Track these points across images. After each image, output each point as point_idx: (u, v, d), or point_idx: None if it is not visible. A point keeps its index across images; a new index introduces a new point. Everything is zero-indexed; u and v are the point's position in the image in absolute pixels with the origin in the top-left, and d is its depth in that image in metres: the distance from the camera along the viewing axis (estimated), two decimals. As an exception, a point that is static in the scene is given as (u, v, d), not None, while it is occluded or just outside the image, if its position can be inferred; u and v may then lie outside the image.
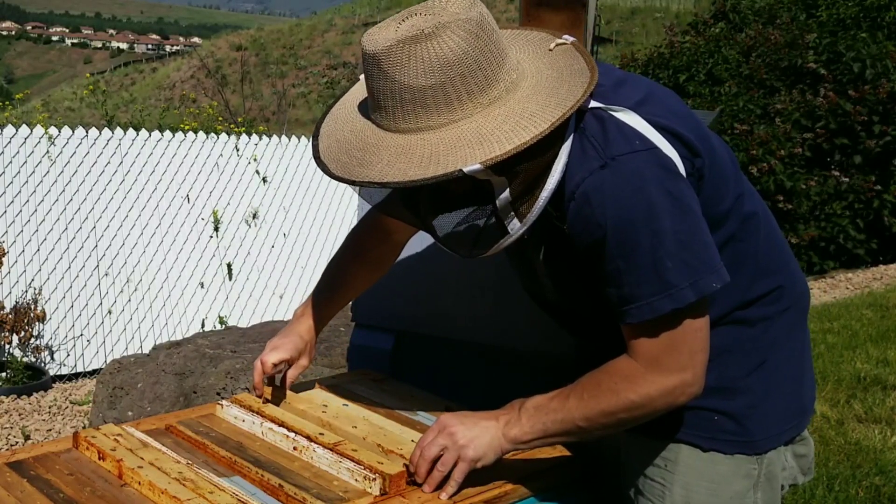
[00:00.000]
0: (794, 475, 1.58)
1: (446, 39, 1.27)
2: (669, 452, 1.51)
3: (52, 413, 4.88)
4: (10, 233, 5.80)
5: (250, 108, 18.68)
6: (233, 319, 6.81)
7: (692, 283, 1.31)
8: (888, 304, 6.26)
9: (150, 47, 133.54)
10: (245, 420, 1.68)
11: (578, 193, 1.32)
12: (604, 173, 1.30)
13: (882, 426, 3.84)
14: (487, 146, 1.26)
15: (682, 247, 1.31)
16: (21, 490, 1.43)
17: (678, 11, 29.02)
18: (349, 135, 1.38)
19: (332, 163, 1.36)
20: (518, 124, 1.28)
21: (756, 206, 1.52)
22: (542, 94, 1.32)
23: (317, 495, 1.41)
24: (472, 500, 1.45)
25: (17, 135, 5.85)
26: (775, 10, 10.92)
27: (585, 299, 1.48)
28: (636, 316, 1.34)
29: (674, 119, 1.39)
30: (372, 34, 1.32)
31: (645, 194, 1.30)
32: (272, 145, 7.09)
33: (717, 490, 1.49)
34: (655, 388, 1.36)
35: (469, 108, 1.30)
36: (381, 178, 1.29)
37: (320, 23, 44.48)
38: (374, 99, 1.34)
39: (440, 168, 1.26)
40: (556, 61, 1.39)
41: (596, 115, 1.35)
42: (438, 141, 1.29)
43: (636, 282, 1.32)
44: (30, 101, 16.71)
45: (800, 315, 1.56)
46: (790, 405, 1.54)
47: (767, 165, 8.44)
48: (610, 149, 1.32)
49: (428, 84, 1.27)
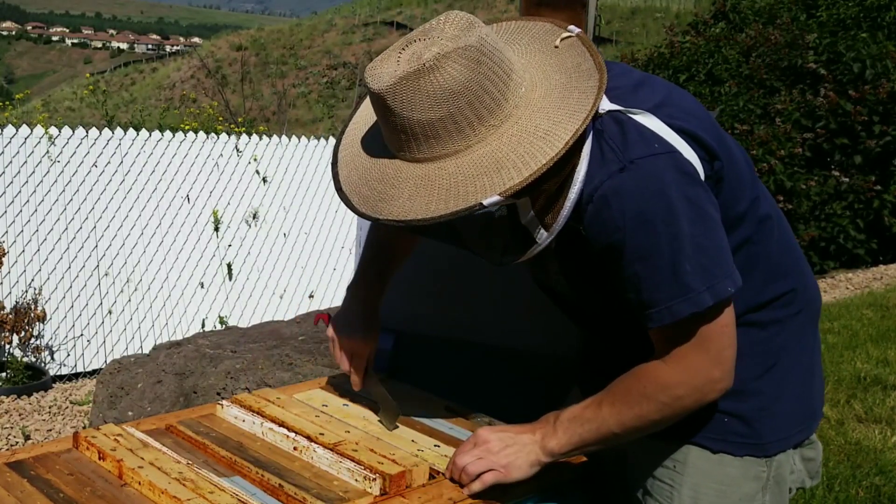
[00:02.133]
0: (802, 479, 1.58)
1: (449, 70, 1.26)
2: (678, 454, 1.51)
3: (53, 413, 4.88)
4: (11, 233, 5.80)
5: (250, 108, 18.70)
6: (233, 319, 6.81)
7: (709, 287, 1.31)
8: (888, 304, 6.26)
9: (150, 47, 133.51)
10: (245, 420, 1.68)
11: (597, 196, 1.31)
12: (623, 176, 1.30)
13: (882, 426, 3.84)
14: (505, 174, 1.26)
15: (701, 251, 1.31)
16: (21, 490, 1.43)
17: (678, 11, 29.03)
18: (367, 163, 1.38)
19: (354, 196, 1.37)
20: (533, 145, 1.27)
21: (770, 209, 1.52)
22: (553, 107, 1.32)
23: (317, 495, 1.41)
24: (473, 499, 1.45)
25: (18, 135, 5.85)
26: (775, 10, 10.92)
27: (596, 295, 1.49)
28: (656, 320, 1.34)
29: (693, 121, 1.39)
30: (374, 69, 1.31)
31: (664, 197, 1.30)
32: (272, 145, 7.09)
33: (726, 492, 1.49)
34: (684, 388, 1.36)
35: (482, 132, 1.29)
36: (404, 215, 1.30)
37: (320, 23, 44.49)
38: (387, 132, 1.34)
39: (462, 202, 1.26)
40: (564, 61, 1.38)
41: (614, 117, 1.35)
42: (456, 170, 1.29)
43: (655, 286, 1.32)
44: (30, 101, 16.70)
45: (811, 318, 1.56)
46: (800, 408, 1.54)
47: (767, 165, 8.44)
48: (629, 152, 1.31)
49: (437, 116, 1.27)
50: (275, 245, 7.12)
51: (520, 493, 1.49)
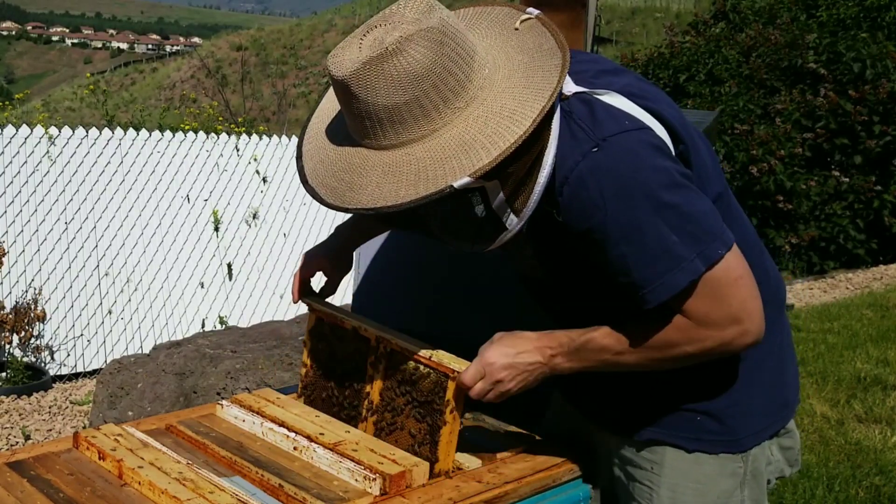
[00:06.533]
0: (781, 468, 1.58)
1: (412, 52, 1.24)
2: (655, 455, 1.51)
3: (53, 413, 4.88)
4: (11, 233, 5.80)
5: (250, 108, 18.70)
6: (233, 319, 6.81)
7: (699, 254, 1.29)
8: (888, 304, 6.26)
9: (150, 47, 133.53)
10: (245, 420, 1.68)
11: (573, 178, 1.30)
12: (597, 155, 1.29)
13: (882, 426, 3.84)
14: (474, 155, 1.25)
15: (685, 218, 1.30)
16: (21, 490, 1.43)
17: (678, 11, 29.02)
18: (332, 154, 1.36)
19: (321, 188, 1.35)
20: (500, 125, 1.26)
21: (734, 209, 1.52)
22: (517, 86, 1.30)
23: (317, 495, 1.41)
24: (472, 500, 1.45)
25: (18, 135, 5.84)
26: (775, 10, 10.93)
27: (571, 279, 1.47)
28: (654, 298, 1.31)
29: (659, 104, 1.39)
30: (336, 57, 1.29)
31: (641, 172, 1.29)
32: (272, 145, 7.09)
33: (704, 490, 1.49)
34: (711, 341, 1.35)
35: (447, 115, 1.28)
36: (372, 203, 1.28)
37: (320, 23, 44.48)
38: (351, 119, 1.32)
39: (431, 186, 1.25)
40: (525, 42, 1.36)
41: (582, 99, 1.34)
42: (424, 154, 1.28)
43: (644, 263, 1.30)
44: (30, 101, 16.70)
45: (776, 309, 1.55)
46: (773, 399, 1.53)
47: (767, 165, 8.44)
48: (600, 130, 1.30)
49: (402, 101, 1.25)
50: (275, 245, 7.12)
51: (520, 493, 1.50)
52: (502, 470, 1.55)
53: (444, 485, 1.48)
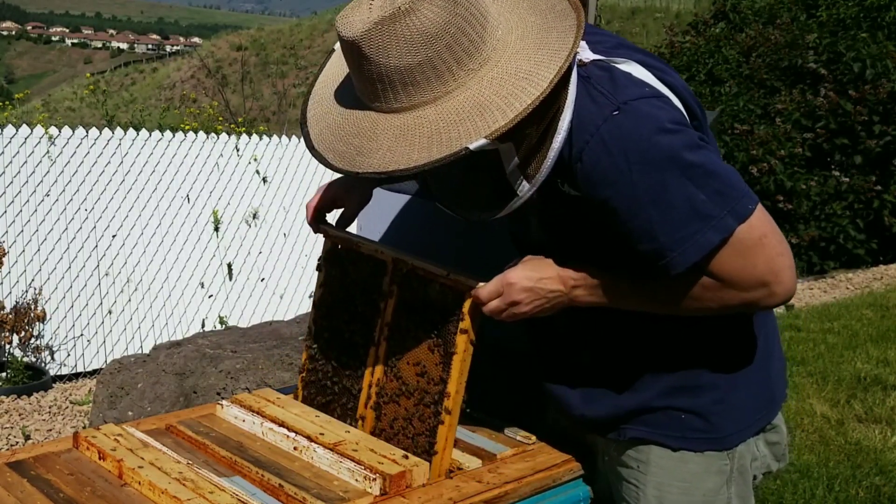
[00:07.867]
0: (768, 463, 1.57)
1: (425, 12, 1.21)
2: (640, 453, 1.51)
3: (53, 413, 4.88)
4: (11, 233, 5.80)
5: (251, 108, 18.68)
6: (233, 319, 6.81)
7: (730, 210, 1.27)
8: (888, 304, 6.26)
9: (150, 47, 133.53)
10: (245, 420, 1.68)
11: (594, 142, 1.27)
12: (619, 118, 1.27)
13: (882, 426, 3.84)
14: (489, 116, 1.22)
15: (712, 176, 1.28)
16: (21, 490, 1.43)
17: (678, 11, 28.98)
18: (340, 118, 1.32)
19: (328, 153, 1.30)
20: (516, 86, 1.23)
21: None
22: (531, 48, 1.27)
23: (317, 495, 1.41)
24: (472, 500, 1.45)
25: (18, 135, 5.84)
26: (775, 10, 10.92)
27: (579, 248, 1.44)
28: (683, 261, 1.28)
29: (674, 79, 1.39)
30: (346, 17, 1.25)
31: (665, 134, 1.27)
32: (272, 145, 7.09)
33: (690, 489, 1.49)
34: (738, 300, 1.33)
35: (461, 77, 1.25)
36: (384, 167, 1.24)
37: (320, 23, 44.42)
38: (361, 82, 1.28)
39: (445, 148, 1.21)
40: (537, 3, 1.34)
41: (600, 66, 1.32)
42: (437, 117, 1.24)
43: (674, 225, 1.27)
44: (30, 101, 16.71)
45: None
46: (758, 395, 1.52)
47: (767, 165, 8.43)
48: (621, 94, 1.28)
49: (415, 62, 1.22)
50: (275, 245, 7.12)
51: (520, 493, 1.49)
52: (502, 470, 1.55)
53: (444, 485, 1.48)
